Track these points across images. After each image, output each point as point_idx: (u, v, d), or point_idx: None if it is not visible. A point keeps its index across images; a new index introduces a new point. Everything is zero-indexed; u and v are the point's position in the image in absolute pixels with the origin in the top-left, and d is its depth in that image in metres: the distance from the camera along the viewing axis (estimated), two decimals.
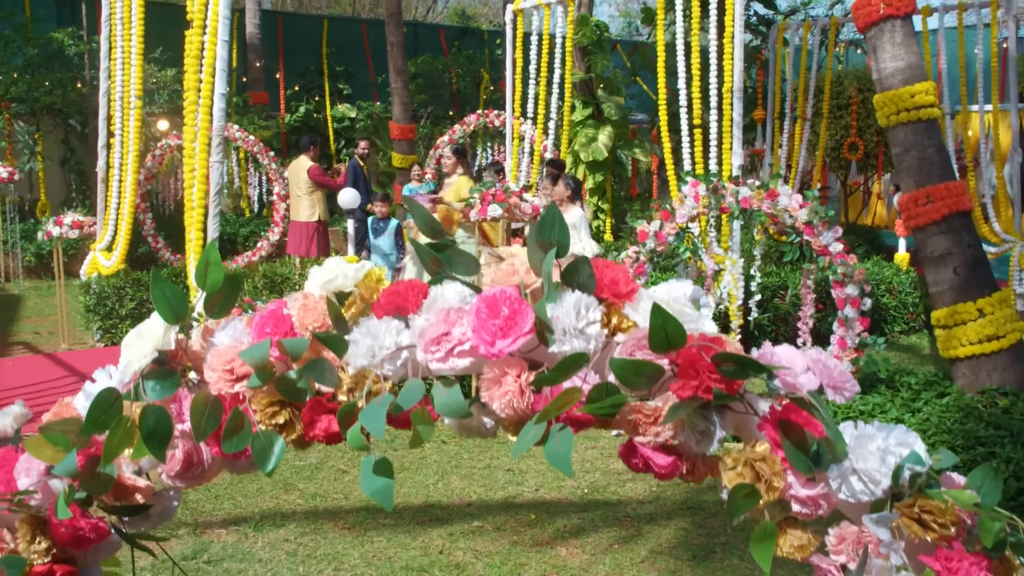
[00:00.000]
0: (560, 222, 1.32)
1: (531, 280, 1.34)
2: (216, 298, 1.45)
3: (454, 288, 1.35)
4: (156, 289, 1.41)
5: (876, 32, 6.60)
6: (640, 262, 7.00)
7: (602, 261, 1.35)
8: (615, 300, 1.33)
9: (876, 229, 15.66)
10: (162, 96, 15.80)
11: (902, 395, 6.52)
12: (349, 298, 1.45)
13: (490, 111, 14.79)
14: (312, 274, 1.47)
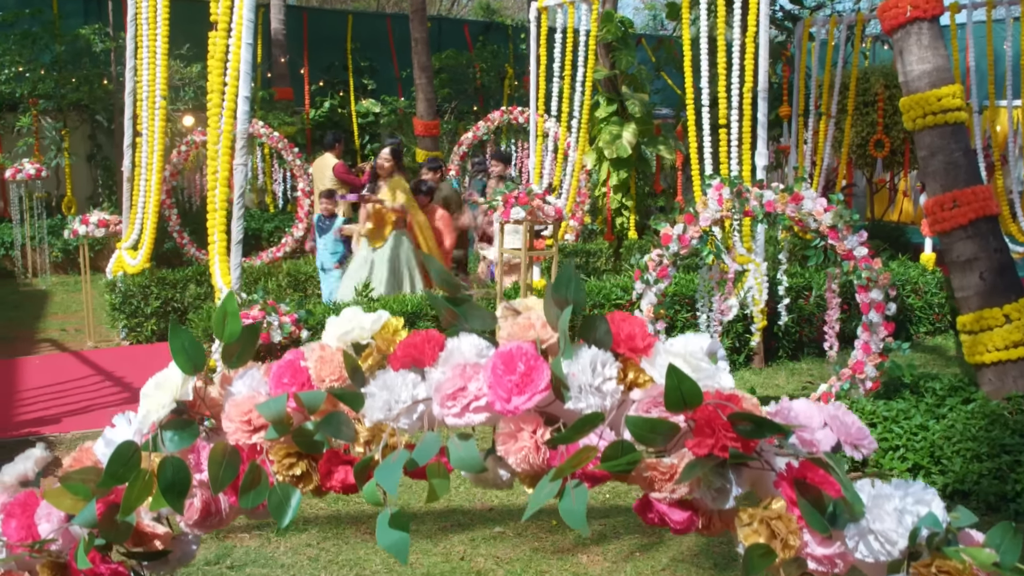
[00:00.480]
0: (576, 280, 1.32)
1: (547, 335, 1.34)
2: (234, 348, 1.46)
3: (470, 341, 1.35)
4: (174, 340, 1.42)
5: (903, 34, 6.55)
6: (663, 265, 6.98)
7: (619, 314, 1.34)
8: (631, 355, 1.33)
9: (902, 226, 15.54)
10: (187, 92, 15.87)
11: (927, 400, 6.48)
12: (366, 349, 1.45)
13: (514, 107, 14.79)
14: (329, 324, 1.48)
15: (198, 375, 1.44)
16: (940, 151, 6.48)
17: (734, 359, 9.04)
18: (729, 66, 9.37)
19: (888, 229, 14.94)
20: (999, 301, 6.36)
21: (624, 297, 8.39)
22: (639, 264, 7.08)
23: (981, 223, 6.38)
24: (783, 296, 7.32)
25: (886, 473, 6.03)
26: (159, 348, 9.74)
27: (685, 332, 6.42)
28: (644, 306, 7.04)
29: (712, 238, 6.91)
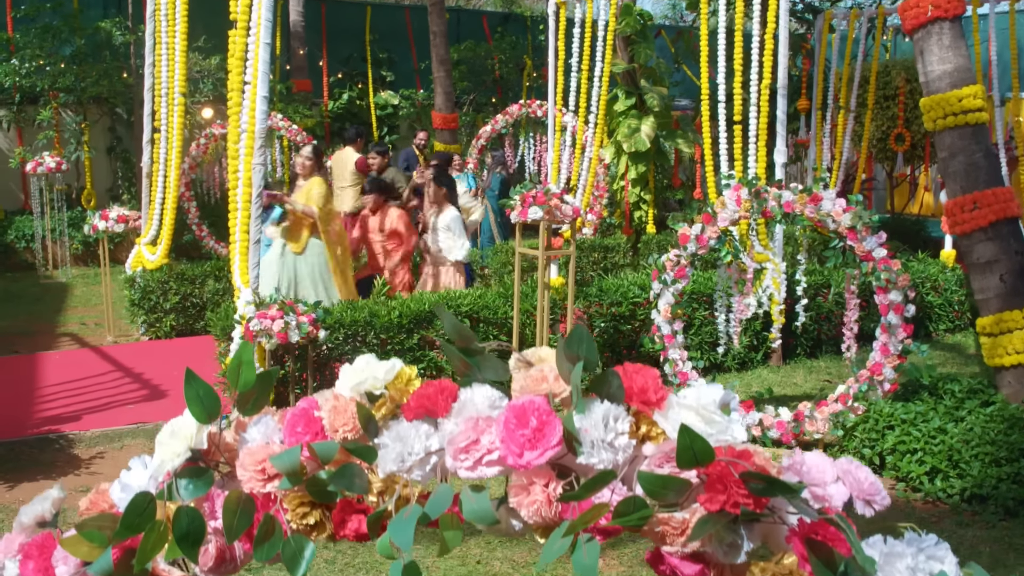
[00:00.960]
0: (588, 338, 1.32)
1: (560, 388, 1.34)
2: (248, 396, 1.46)
3: (483, 392, 1.36)
4: (189, 389, 1.43)
5: (924, 34, 6.50)
6: (681, 265, 6.96)
7: (632, 366, 1.35)
8: (644, 408, 1.33)
9: (922, 220, 15.45)
10: (206, 85, 15.90)
11: (945, 403, 6.45)
12: (379, 399, 1.46)
13: (533, 100, 14.74)
14: (343, 373, 1.49)
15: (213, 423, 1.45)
16: (961, 152, 6.43)
17: (752, 357, 9.03)
18: (747, 61, 9.32)
19: (908, 223, 14.87)
20: (1019, 303, 6.31)
21: (642, 295, 8.38)
22: (657, 264, 7.07)
23: (1002, 225, 6.34)
24: (801, 296, 7.29)
25: (903, 477, 6.02)
26: (178, 343, 9.79)
27: (703, 330, 6.39)
28: (661, 306, 7.02)
29: (730, 239, 6.89)
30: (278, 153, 16.93)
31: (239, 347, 1.45)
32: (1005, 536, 5.30)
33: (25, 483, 6.05)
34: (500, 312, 7.87)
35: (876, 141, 14.60)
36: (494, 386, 1.38)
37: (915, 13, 6.50)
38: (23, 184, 16.50)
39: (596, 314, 8.25)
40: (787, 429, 6.67)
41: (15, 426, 7.11)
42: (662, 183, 13.92)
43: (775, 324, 8.07)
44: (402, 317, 7.51)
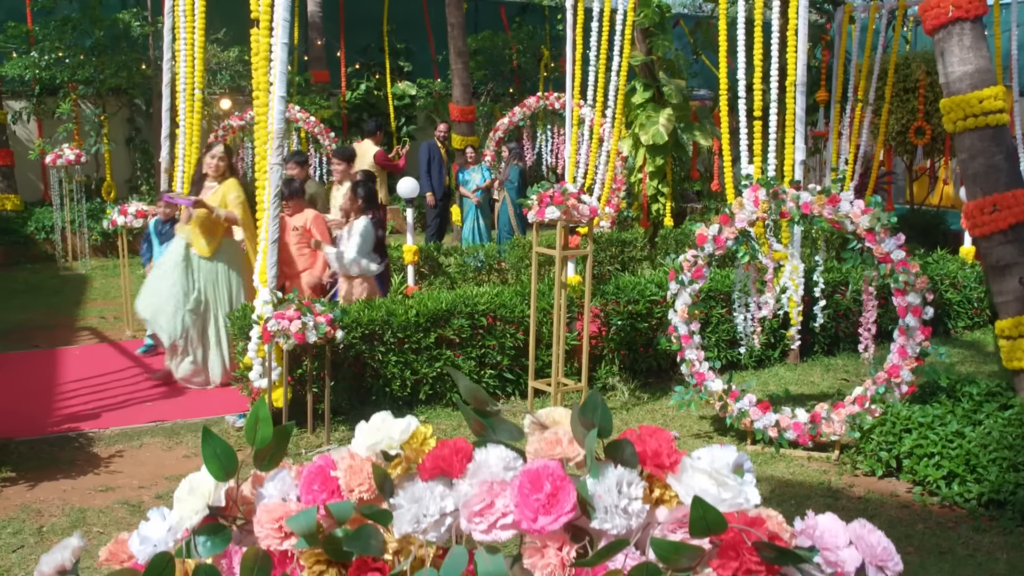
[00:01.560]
0: (603, 405, 1.33)
1: (574, 452, 1.35)
2: (265, 452, 1.48)
3: (498, 453, 1.37)
4: (206, 446, 1.44)
5: (944, 35, 6.45)
6: (698, 266, 6.96)
7: (647, 429, 1.35)
8: (658, 472, 1.34)
9: (941, 212, 15.36)
10: (224, 76, 15.94)
11: (963, 405, 6.42)
12: (395, 458, 1.47)
13: (550, 93, 14.72)
14: (359, 431, 1.49)
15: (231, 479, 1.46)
16: (981, 154, 6.39)
17: (769, 355, 9.01)
18: (766, 52, 9.24)
19: (927, 216, 14.78)
20: None
21: (659, 293, 8.37)
22: (674, 264, 7.06)
23: (1021, 228, 6.29)
24: (819, 297, 7.27)
25: (920, 481, 6.01)
26: None
27: (720, 328, 6.36)
28: (678, 307, 7.02)
29: (747, 241, 6.87)
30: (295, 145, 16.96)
31: (255, 404, 1.46)
32: (1022, 542, 5.29)
33: (45, 482, 6.11)
34: (517, 311, 7.88)
35: (896, 134, 14.50)
36: (508, 447, 1.39)
37: (936, 13, 6.45)
38: (43, 176, 16.60)
39: (613, 312, 8.25)
40: (804, 431, 6.66)
41: (35, 424, 7.17)
42: (680, 176, 13.87)
43: (793, 324, 8.04)
44: (419, 316, 7.53)
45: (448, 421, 7.38)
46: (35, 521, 5.53)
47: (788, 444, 6.74)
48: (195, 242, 8.19)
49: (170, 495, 5.86)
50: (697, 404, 7.04)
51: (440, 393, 7.69)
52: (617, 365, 8.28)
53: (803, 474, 6.36)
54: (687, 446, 6.85)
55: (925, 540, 5.33)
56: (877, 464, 6.28)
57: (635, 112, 13.30)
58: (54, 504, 5.78)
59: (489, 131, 16.08)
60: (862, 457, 6.44)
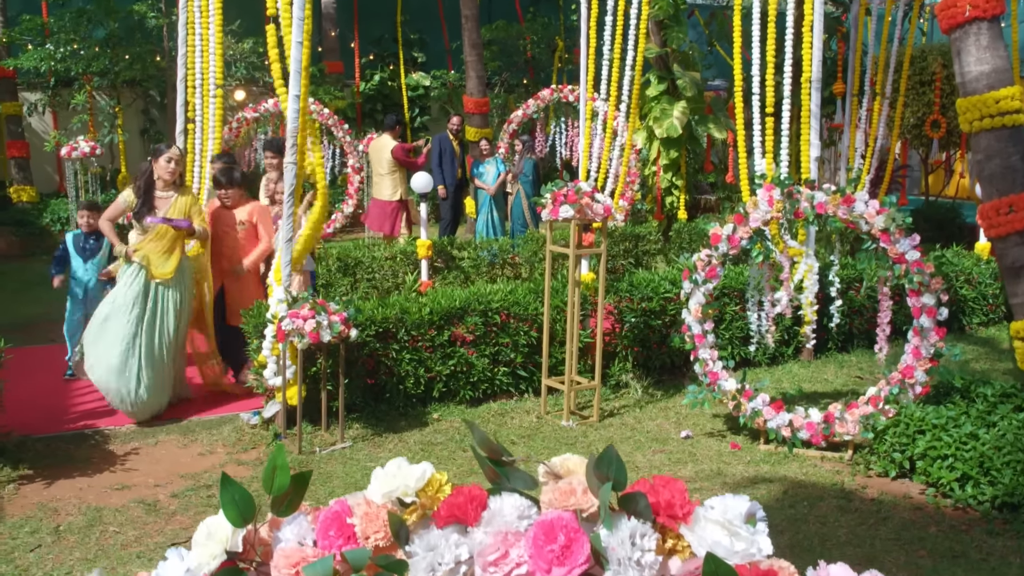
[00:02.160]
0: (618, 460, 1.34)
1: (587, 503, 1.36)
2: (283, 498, 1.49)
3: (512, 502, 1.38)
4: (224, 492, 1.46)
5: (961, 34, 6.40)
6: (712, 265, 6.95)
7: (660, 480, 1.36)
8: (671, 523, 1.34)
9: (957, 205, 15.29)
10: (239, 69, 15.96)
11: (977, 407, 6.40)
12: (411, 505, 1.48)
13: (564, 85, 14.68)
14: (375, 478, 1.51)
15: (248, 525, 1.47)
16: (997, 154, 6.35)
17: (783, 351, 9.00)
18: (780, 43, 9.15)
19: (943, 209, 14.72)
20: None
21: (673, 291, 8.37)
22: (687, 264, 7.06)
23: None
24: (835, 297, 7.25)
25: (933, 483, 6.00)
26: None
27: (734, 325, 6.32)
28: (692, 306, 7.02)
29: (761, 240, 6.86)
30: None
31: (273, 452, 1.48)
32: None
33: (62, 480, 6.16)
34: (531, 308, 7.89)
35: (911, 127, 14.42)
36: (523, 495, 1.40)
37: (952, 13, 6.40)
38: (58, 167, 16.67)
39: (627, 309, 8.25)
40: (817, 430, 6.66)
41: (52, 420, 7.22)
42: (694, 168, 13.84)
43: (807, 322, 8.03)
44: (433, 314, 7.55)
45: (461, 418, 7.41)
46: (52, 520, 5.58)
47: (801, 444, 6.74)
48: (155, 265, 7.36)
49: (186, 494, 5.93)
50: (710, 403, 7.05)
51: (453, 390, 7.71)
52: (630, 362, 8.28)
53: (816, 474, 6.36)
54: (700, 445, 6.87)
55: (938, 543, 5.32)
56: (890, 465, 6.28)
57: (649, 104, 13.27)
58: (71, 503, 5.83)
59: (503, 123, 16.06)
60: (875, 458, 6.43)
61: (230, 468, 6.36)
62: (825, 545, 5.29)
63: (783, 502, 5.89)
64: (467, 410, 7.59)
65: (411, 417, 7.40)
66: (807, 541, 5.32)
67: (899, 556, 5.17)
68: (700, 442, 6.99)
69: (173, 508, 5.75)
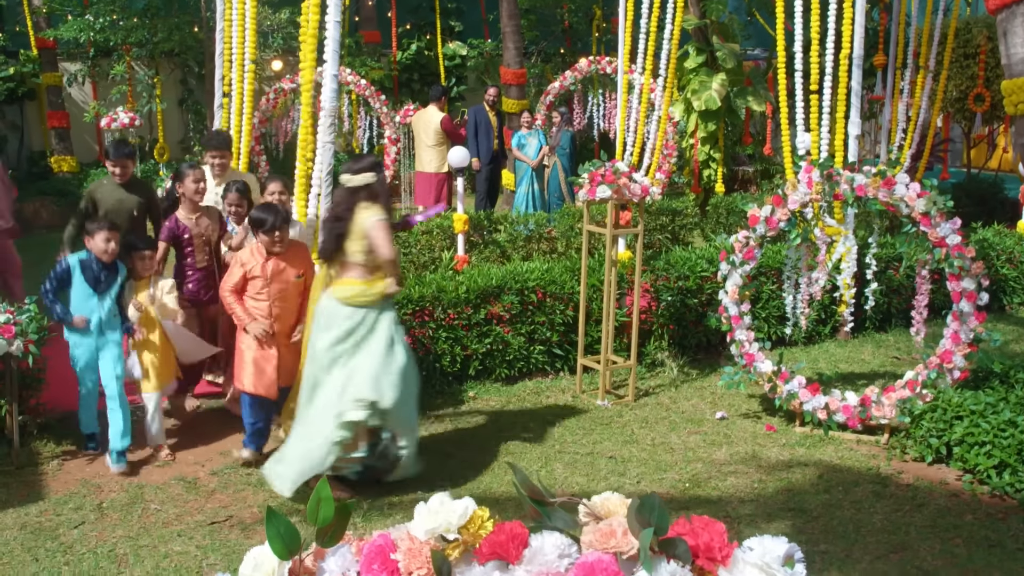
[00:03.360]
0: (659, 508, 1.35)
1: (627, 545, 1.38)
2: (327, 529, 1.52)
3: (553, 541, 1.40)
4: (270, 526, 1.49)
5: (1007, 15, 6.31)
6: (750, 247, 6.92)
7: (700, 521, 1.37)
8: (709, 566, 1.36)
9: (1000, 178, 15.08)
10: (276, 39, 15.99)
11: (1017, 392, 6.34)
12: (453, 542, 1.50)
13: (602, 57, 14.56)
14: (418, 513, 1.53)
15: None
16: None
17: (819, 330, 8.95)
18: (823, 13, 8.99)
19: (985, 184, 14.52)
20: None
21: (710, 269, 8.34)
22: (725, 245, 7.03)
23: None
24: (871, 280, 7.20)
25: (970, 469, 5.97)
26: None
27: (770, 304, 6.28)
28: (729, 287, 7.00)
29: (800, 223, 6.82)
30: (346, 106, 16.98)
31: (319, 485, 1.51)
32: None
33: (104, 456, 6.26)
34: (567, 287, 7.89)
35: (954, 100, 14.21)
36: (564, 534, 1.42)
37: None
38: (98, 137, 16.80)
39: (663, 287, 8.24)
40: (853, 414, 6.64)
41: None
42: (732, 141, 13.75)
43: (844, 304, 7.98)
44: (469, 292, 7.57)
45: (497, 397, 7.45)
46: (95, 497, 5.68)
47: (837, 427, 6.72)
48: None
49: (225, 472, 6.01)
50: (746, 384, 7.04)
51: (489, 368, 7.75)
52: (666, 340, 8.28)
53: (851, 458, 6.35)
54: (735, 427, 6.87)
55: (974, 532, 5.30)
56: (927, 450, 6.25)
57: (688, 76, 13.18)
58: (113, 479, 5.94)
59: (540, 94, 15.99)
60: (911, 442, 6.41)
61: (269, 446, 6.42)
62: (860, 531, 5.29)
63: (818, 487, 5.88)
64: (503, 388, 7.63)
65: (447, 395, 7.45)
66: (841, 527, 5.32)
67: (934, 544, 5.16)
68: (735, 423, 6.99)
69: (213, 486, 5.84)
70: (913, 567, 4.91)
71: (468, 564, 1.45)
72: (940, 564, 4.94)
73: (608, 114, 18.38)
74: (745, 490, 5.87)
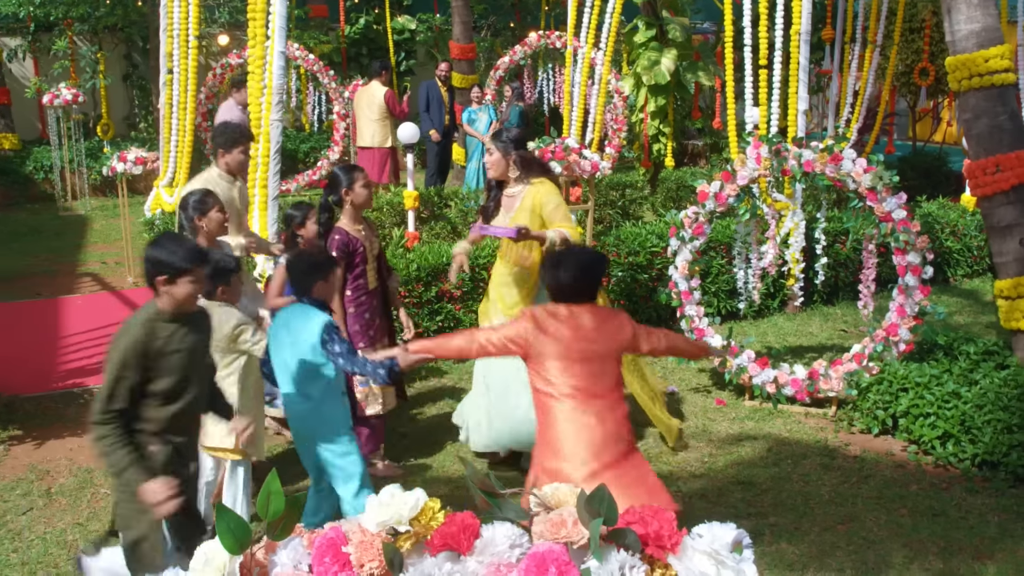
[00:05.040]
0: (608, 499, 1.36)
1: (578, 535, 1.39)
2: (278, 522, 1.51)
3: (504, 532, 1.40)
4: (220, 521, 1.48)
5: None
6: (699, 223, 6.97)
7: (649, 510, 1.39)
8: (659, 554, 1.37)
9: (944, 152, 15.28)
10: (222, 14, 15.75)
11: (960, 364, 6.46)
12: (404, 534, 1.50)
13: (552, 31, 14.51)
14: (369, 506, 1.53)
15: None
16: (985, 114, 6.35)
17: (768, 304, 9.04)
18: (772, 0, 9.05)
19: (930, 158, 14.72)
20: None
21: (659, 244, 8.38)
22: (675, 220, 7.07)
23: (1023, 189, 6.29)
24: (820, 255, 7.28)
25: (916, 440, 6.08)
26: None
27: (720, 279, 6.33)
28: (679, 263, 7.05)
29: (749, 197, 6.87)
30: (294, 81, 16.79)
31: (268, 478, 1.50)
32: (1014, 505, 5.37)
33: (52, 440, 6.19)
34: None
35: (900, 75, 14.36)
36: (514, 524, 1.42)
37: None
38: (40, 114, 16.48)
39: (614, 263, 8.27)
40: (802, 387, 6.73)
41: (40, 379, 7.22)
42: (681, 115, 13.78)
43: (792, 279, 8.06)
44: (420, 270, 7.55)
45: (449, 375, 7.45)
46: (44, 482, 5.62)
47: (786, 400, 6.81)
48: None
49: None
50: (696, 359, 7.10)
51: None
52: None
53: (800, 431, 6.44)
54: (686, 401, 6.93)
55: (919, 502, 5.41)
56: (873, 422, 6.35)
57: (637, 51, 13.17)
58: (61, 463, 5.87)
59: (490, 68, 15.90)
60: (859, 414, 6.51)
61: None
62: (808, 504, 5.37)
63: (767, 460, 5.96)
64: (454, 365, 7.63)
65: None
66: (790, 500, 5.40)
67: (880, 514, 5.26)
68: (686, 398, 7.05)
69: None
70: (860, 537, 5.00)
71: (420, 556, 1.45)
72: (886, 534, 5.04)
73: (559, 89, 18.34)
74: (695, 464, 5.94)
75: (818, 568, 4.71)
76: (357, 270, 5.48)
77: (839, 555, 4.84)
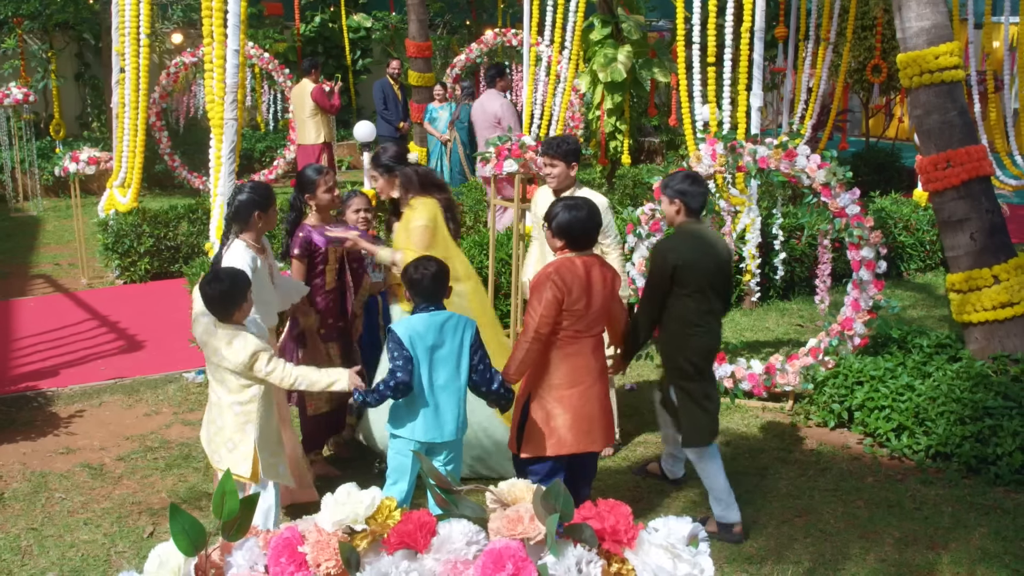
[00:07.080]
0: (564, 493, 1.36)
1: (534, 532, 1.39)
2: (233, 523, 1.50)
3: (461, 528, 1.40)
4: (175, 523, 1.47)
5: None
6: (656, 219, 7.00)
7: (605, 504, 1.39)
8: (615, 548, 1.38)
9: (897, 148, 15.46)
10: (175, 11, 15.59)
11: (914, 357, 6.56)
12: (361, 532, 1.50)
13: (508, 29, 14.52)
14: (325, 505, 1.52)
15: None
16: (935, 110, 6.44)
17: None
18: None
19: (883, 153, 14.89)
20: (989, 262, 6.39)
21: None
22: (631, 218, 7.10)
23: (974, 184, 6.38)
24: (778, 251, 7.34)
25: (871, 433, 6.15)
26: (152, 287, 9.77)
27: None
28: (636, 259, 7.08)
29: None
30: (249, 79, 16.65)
31: (223, 478, 1.49)
32: (967, 495, 5.45)
33: (5, 444, 6.10)
34: (475, 261, 7.89)
35: (853, 71, 14.51)
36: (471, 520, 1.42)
37: None
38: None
39: None
40: (759, 382, 6.78)
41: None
42: (638, 112, 13.83)
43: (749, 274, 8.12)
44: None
45: None
46: None
47: (743, 395, 6.86)
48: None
49: (132, 456, 5.90)
50: (654, 355, 7.12)
51: None
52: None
53: (757, 426, 6.49)
54: (644, 397, 6.96)
55: (874, 494, 5.48)
56: (829, 416, 6.42)
57: (593, 49, 13.19)
58: (14, 468, 5.78)
59: (446, 66, 15.87)
60: (815, 408, 6.57)
61: (176, 429, 6.34)
62: (766, 497, 5.42)
63: (725, 455, 5.98)
64: None
65: None
66: (748, 495, 5.44)
67: (837, 507, 5.32)
68: (644, 394, 7.08)
69: (119, 472, 5.72)
70: (817, 530, 5.05)
71: (377, 554, 1.45)
72: (843, 526, 5.10)
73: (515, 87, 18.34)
74: (653, 459, 5.96)
75: (776, 561, 4.75)
76: (317, 269, 5.59)
77: (797, 547, 4.89)
